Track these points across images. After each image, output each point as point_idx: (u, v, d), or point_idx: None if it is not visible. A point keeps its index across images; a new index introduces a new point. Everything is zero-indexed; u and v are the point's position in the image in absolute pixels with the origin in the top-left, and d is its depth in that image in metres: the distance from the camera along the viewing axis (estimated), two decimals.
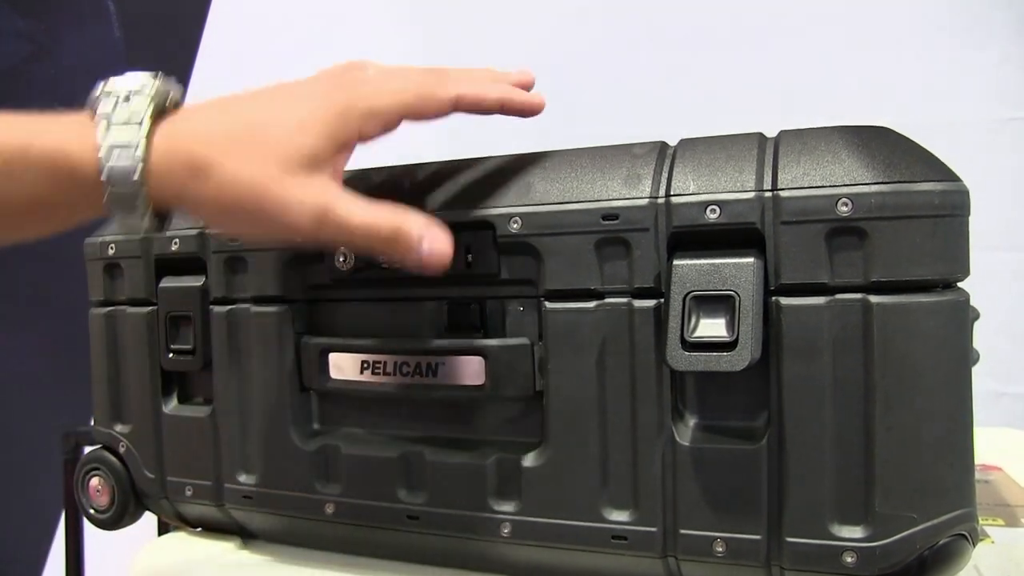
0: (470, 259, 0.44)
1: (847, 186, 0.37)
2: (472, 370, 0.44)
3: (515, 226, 0.43)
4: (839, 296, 0.37)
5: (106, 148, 0.38)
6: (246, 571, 0.52)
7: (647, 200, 0.40)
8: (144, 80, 0.40)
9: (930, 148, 0.39)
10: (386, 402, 0.49)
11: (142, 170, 0.38)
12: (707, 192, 0.39)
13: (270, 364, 0.51)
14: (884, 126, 0.40)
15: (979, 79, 1.00)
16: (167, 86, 0.40)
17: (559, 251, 0.42)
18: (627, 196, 0.41)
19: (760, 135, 0.41)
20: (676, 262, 0.39)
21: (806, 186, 0.38)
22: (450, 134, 0.57)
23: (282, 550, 0.53)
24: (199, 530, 0.58)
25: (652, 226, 0.40)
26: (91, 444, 0.60)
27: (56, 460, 0.71)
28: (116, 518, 0.58)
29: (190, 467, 0.54)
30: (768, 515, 0.39)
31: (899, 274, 0.37)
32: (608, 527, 0.42)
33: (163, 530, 0.62)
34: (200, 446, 0.53)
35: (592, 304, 0.42)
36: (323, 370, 0.49)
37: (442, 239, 0.40)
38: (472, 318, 0.46)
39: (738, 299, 0.38)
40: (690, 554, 0.41)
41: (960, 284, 0.39)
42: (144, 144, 0.38)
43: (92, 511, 0.58)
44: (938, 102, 1.00)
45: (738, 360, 0.37)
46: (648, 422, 0.41)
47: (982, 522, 0.53)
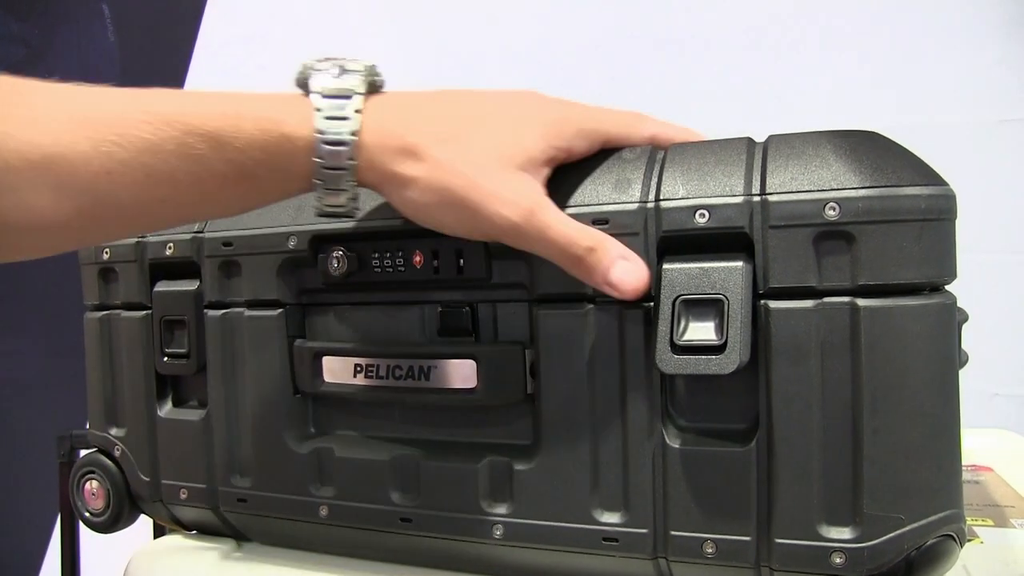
0: (461, 263, 0.44)
1: (835, 191, 0.37)
2: (464, 373, 0.45)
3: None
4: (827, 300, 0.38)
5: (319, 121, 0.37)
6: (241, 573, 0.53)
7: (637, 204, 0.41)
8: (352, 59, 0.39)
9: (923, 149, 0.40)
10: (379, 405, 0.49)
11: (353, 146, 0.38)
12: (696, 197, 0.40)
13: (264, 368, 0.51)
14: (872, 131, 0.40)
15: (972, 81, 1.00)
16: (374, 68, 0.40)
17: None
18: (617, 200, 0.41)
19: (749, 140, 0.41)
20: (666, 266, 0.40)
21: (794, 191, 0.38)
22: None
23: (276, 552, 0.54)
24: (194, 533, 0.58)
25: (642, 230, 0.40)
26: (86, 447, 0.60)
27: (52, 463, 0.71)
28: (111, 521, 0.58)
29: (185, 470, 0.54)
30: (757, 516, 0.39)
31: (886, 278, 0.37)
32: (599, 529, 0.42)
33: (159, 532, 0.62)
34: (195, 449, 0.54)
35: (583, 308, 0.42)
36: (316, 374, 0.49)
37: (636, 271, 0.39)
38: (464, 322, 0.46)
39: (727, 303, 0.38)
40: (680, 555, 0.41)
41: (951, 286, 0.39)
42: (358, 120, 0.38)
43: (87, 514, 0.59)
44: (931, 104, 1.01)
45: (727, 363, 0.37)
46: (639, 425, 0.41)
47: (971, 523, 0.54)
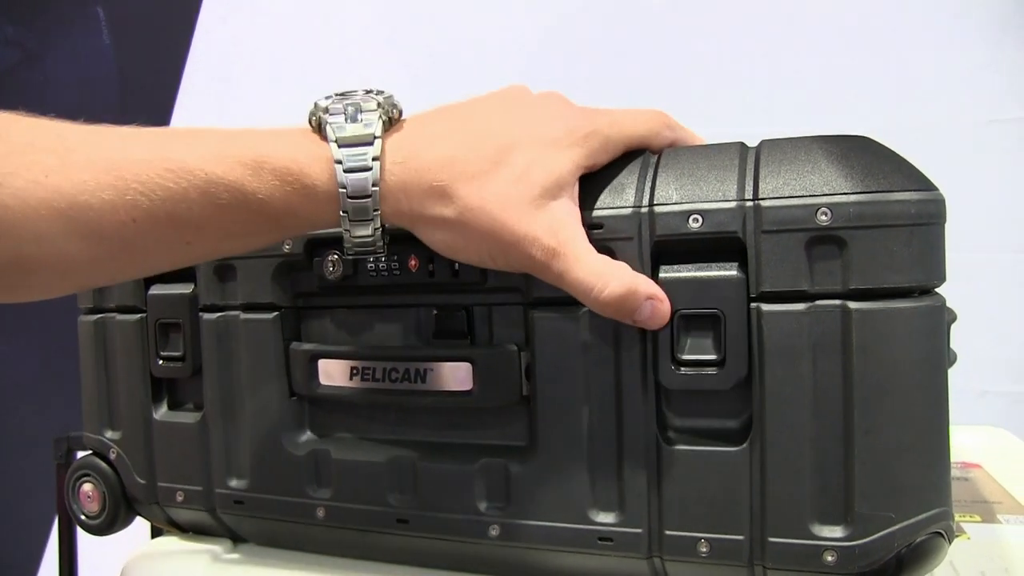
0: (456, 267, 0.44)
1: (826, 196, 0.38)
2: (460, 376, 0.45)
3: None
4: (819, 303, 0.38)
5: (340, 174, 0.37)
6: (237, 575, 0.53)
7: (631, 209, 0.41)
8: (367, 96, 0.39)
9: (913, 150, 0.40)
10: (375, 408, 0.50)
11: (377, 195, 0.37)
12: (689, 201, 0.40)
13: (260, 370, 0.51)
14: (863, 136, 0.41)
15: (961, 81, 1.01)
16: (390, 99, 0.39)
17: None
18: (611, 205, 0.41)
19: (742, 144, 0.42)
20: (663, 276, 0.40)
21: (786, 196, 0.38)
22: None
23: (273, 553, 0.54)
24: (190, 534, 0.58)
25: (636, 235, 0.41)
26: (83, 449, 0.60)
27: (50, 464, 0.71)
28: (107, 524, 0.58)
29: (181, 473, 0.55)
30: (751, 516, 0.40)
31: (877, 281, 0.37)
32: (594, 529, 0.43)
33: (155, 533, 0.62)
34: (190, 452, 0.54)
35: (577, 311, 0.42)
36: (312, 376, 0.49)
37: (663, 312, 0.39)
38: (459, 325, 0.46)
39: (724, 319, 0.39)
40: (675, 554, 0.41)
41: (940, 287, 0.39)
42: (378, 168, 0.37)
43: (83, 517, 0.59)
44: (920, 104, 1.01)
45: (726, 379, 0.40)
46: (633, 426, 0.42)
47: (960, 519, 0.54)
